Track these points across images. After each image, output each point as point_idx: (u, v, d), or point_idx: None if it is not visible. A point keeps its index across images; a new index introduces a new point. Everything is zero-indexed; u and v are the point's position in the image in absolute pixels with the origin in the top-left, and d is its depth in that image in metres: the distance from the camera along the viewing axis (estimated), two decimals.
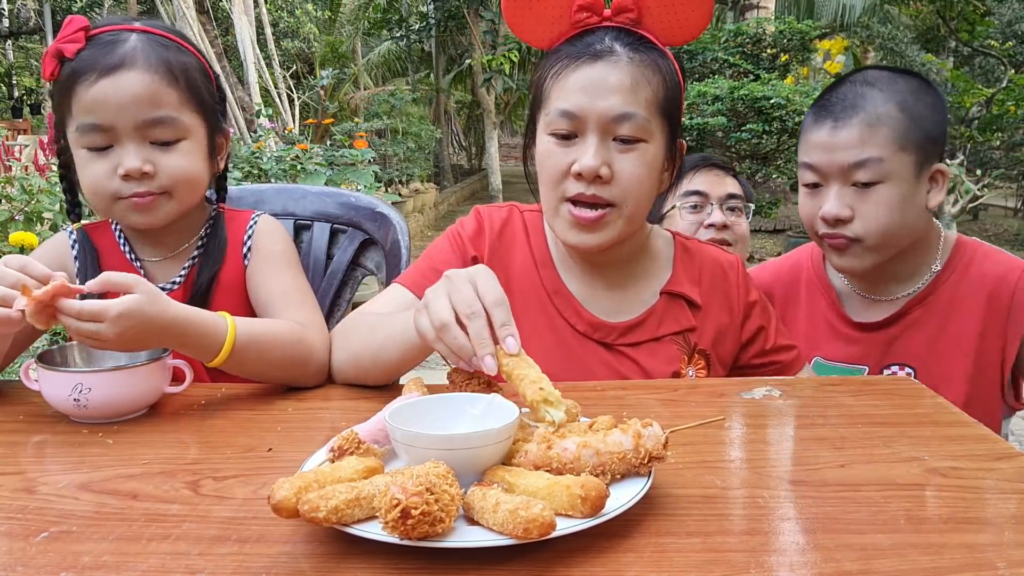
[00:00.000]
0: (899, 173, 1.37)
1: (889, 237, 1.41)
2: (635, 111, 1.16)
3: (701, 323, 1.32)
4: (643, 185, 1.20)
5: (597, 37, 1.19)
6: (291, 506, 0.68)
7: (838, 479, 0.84)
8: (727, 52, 8.23)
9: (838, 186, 1.40)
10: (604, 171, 1.16)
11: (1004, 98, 8.20)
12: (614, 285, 1.32)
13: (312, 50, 13.75)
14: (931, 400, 1.10)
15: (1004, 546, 0.70)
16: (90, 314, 0.98)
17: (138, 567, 0.68)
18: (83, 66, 1.19)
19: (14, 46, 15.74)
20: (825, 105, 1.42)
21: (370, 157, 6.38)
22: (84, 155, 1.23)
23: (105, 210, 1.26)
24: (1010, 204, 11.68)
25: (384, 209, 1.69)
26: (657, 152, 1.20)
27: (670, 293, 1.32)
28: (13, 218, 4.19)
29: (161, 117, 1.22)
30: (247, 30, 7.87)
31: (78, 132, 1.21)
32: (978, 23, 9.08)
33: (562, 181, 1.20)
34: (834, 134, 1.39)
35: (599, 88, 1.16)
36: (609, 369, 1.27)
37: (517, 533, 0.65)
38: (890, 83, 1.41)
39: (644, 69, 1.17)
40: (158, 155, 1.23)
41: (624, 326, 1.29)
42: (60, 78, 1.21)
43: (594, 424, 0.82)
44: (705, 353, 1.32)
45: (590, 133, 1.17)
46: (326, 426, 1.05)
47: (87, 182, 1.24)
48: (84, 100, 1.19)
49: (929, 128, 1.39)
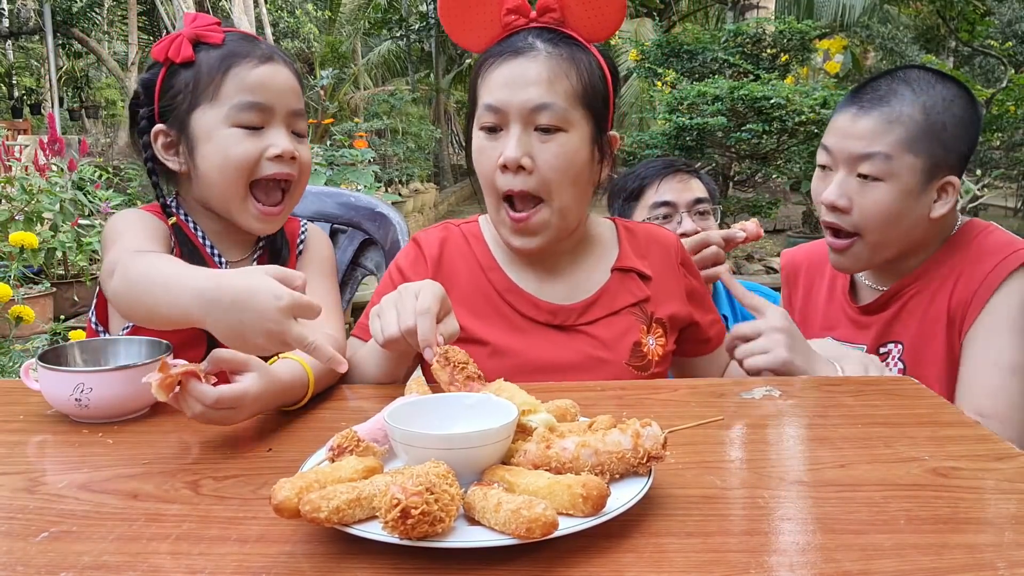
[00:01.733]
0: (903, 175, 1.37)
1: (884, 237, 1.41)
2: (552, 101, 1.22)
3: (654, 293, 1.38)
4: (566, 175, 1.25)
5: (520, 37, 1.26)
6: (292, 506, 0.68)
7: (838, 479, 0.84)
8: (727, 52, 8.21)
9: (843, 173, 1.42)
10: (526, 161, 1.23)
11: (1004, 98, 8.19)
12: (564, 273, 1.37)
13: (312, 50, 13.75)
14: (931, 400, 1.10)
15: (1004, 546, 0.70)
16: (229, 401, 0.93)
17: (138, 567, 0.68)
18: (239, 51, 1.28)
19: (14, 46, 15.73)
20: (859, 92, 1.44)
21: (370, 157, 6.39)
22: (236, 133, 1.27)
23: (234, 195, 1.29)
24: (1010, 204, 11.69)
25: (384, 209, 1.69)
26: (579, 142, 1.25)
27: (621, 269, 1.38)
28: (13, 218, 4.19)
29: (301, 110, 1.34)
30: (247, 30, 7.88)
31: (234, 109, 1.26)
32: (978, 23, 9.08)
33: (493, 175, 1.26)
34: (853, 122, 1.40)
35: (518, 81, 1.23)
36: (572, 350, 1.31)
37: (520, 533, 0.65)
38: (927, 86, 1.40)
39: (562, 62, 1.24)
40: (296, 144, 1.32)
41: (581, 306, 1.33)
42: (202, 61, 1.27)
43: (593, 424, 0.82)
44: (663, 322, 1.37)
45: (512, 124, 1.24)
46: (326, 426, 1.05)
47: (235, 159, 1.27)
48: (246, 80, 1.27)
49: (948, 139, 1.37)
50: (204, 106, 1.27)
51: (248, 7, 8.06)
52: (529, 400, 0.88)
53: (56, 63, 13.11)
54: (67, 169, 4.59)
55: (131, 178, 7.13)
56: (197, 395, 0.92)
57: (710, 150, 7.47)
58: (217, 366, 0.97)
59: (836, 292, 1.62)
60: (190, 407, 0.93)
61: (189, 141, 1.30)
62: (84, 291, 4.81)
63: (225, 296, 0.94)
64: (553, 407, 0.91)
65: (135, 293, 1.07)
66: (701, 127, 7.12)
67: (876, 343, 1.52)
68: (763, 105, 6.96)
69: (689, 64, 8.37)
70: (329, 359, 0.93)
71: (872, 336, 1.53)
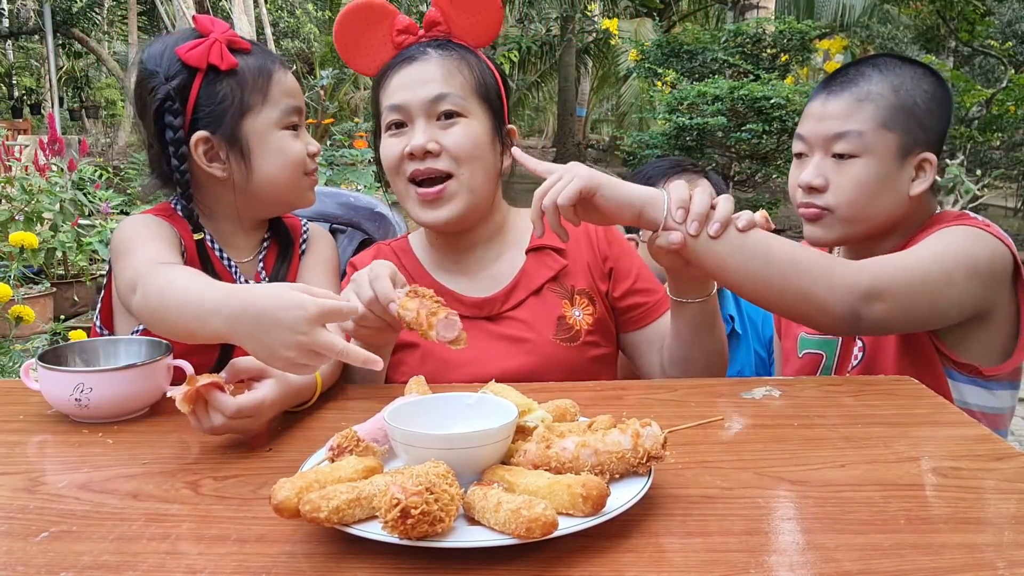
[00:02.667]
0: (878, 150, 1.38)
1: (858, 212, 1.40)
2: (450, 91, 1.30)
3: (571, 264, 1.40)
4: (472, 153, 1.31)
5: (413, 48, 1.35)
6: (292, 507, 0.68)
7: (838, 479, 0.84)
8: (727, 52, 8.21)
9: (819, 156, 1.43)
10: (432, 146, 1.29)
11: (1004, 98, 8.18)
12: (484, 263, 1.41)
13: (312, 50, 13.75)
14: (931, 400, 1.10)
15: (1004, 546, 0.70)
16: (249, 410, 0.94)
17: (138, 567, 0.68)
18: (267, 57, 1.35)
19: (14, 46, 15.74)
20: (828, 80, 1.46)
21: (370, 157, 6.38)
22: (286, 135, 1.34)
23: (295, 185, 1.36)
24: (1010, 204, 11.68)
25: (383, 209, 1.70)
26: (479, 128, 1.32)
27: (534, 248, 1.41)
28: (13, 218, 4.19)
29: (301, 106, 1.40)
30: (247, 30, 7.87)
31: (284, 113, 1.34)
32: (978, 23, 9.08)
33: (400, 165, 1.32)
34: (824, 105, 1.42)
35: (416, 80, 1.31)
36: (500, 337, 1.34)
37: (520, 533, 0.65)
38: (893, 66, 1.43)
39: (454, 62, 1.33)
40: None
41: (502, 294, 1.37)
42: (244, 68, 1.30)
43: (593, 424, 0.82)
44: (586, 292, 1.38)
45: (417, 118, 1.31)
46: (326, 426, 1.05)
47: (293, 156, 1.34)
48: (286, 86, 1.35)
49: (921, 115, 1.39)
50: (255, 111, 1.31)
51: (248, 7, 8.06)
52: (524, 400, 0.89)
53: (56, 63, 13.11)
54: (67, 169, 4.59)
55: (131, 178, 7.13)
56: (219, 406, 0.92)
57: (710, 150, 7.47)
58: (237, 376, 0.97)
59: None
60: (210, 419, 0.93)
61: (241, 147, 1.31)
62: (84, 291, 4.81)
63: (249, 312, 0.92)
64: (552, 407, 0.91)
65: (158, 314, 1.06)
66: (701, 127, 7.12)
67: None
68: (763, 105, 6.97)
69: (689, 64, 8.37)
70: (364, 360, 0.92)
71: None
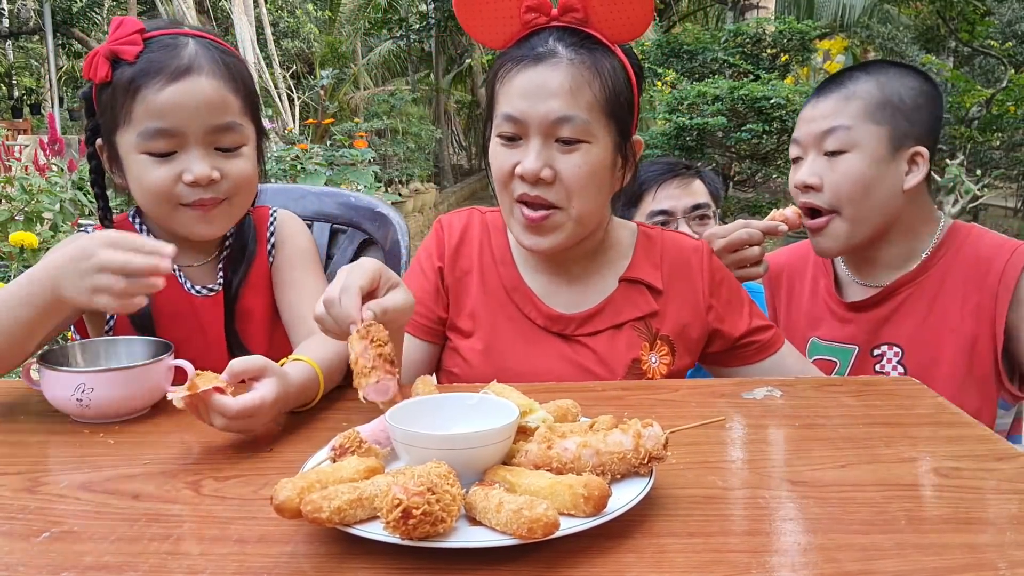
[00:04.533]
0: (868, 144, 1.41)
1: (857, 208, 1.43)
2: (575, 114, 1.17)
3: (663, 308, 1.32)
4: (587, 185, 1.20)
5: (541, 39, 1.20)
6: (294, 507, 0.68)
7: (839, 479, 0.84)
8: (727, 52, 8.22)
9: (813, 155, 1.47)
10: (546, 173, 1.18)
11: (1004, 98, 8.19)
12: (574, 279, 1.33)
13: (312, 50, 13.75)
14: (932, 400, 1.10)
15: (1005, 546, 0.70)
16: (249, 411, 0.93)
17: (139, 567, 0.68)
18: (149, 69, 1.16)
19: (14, 46, 15.74)
20: (819, 86, 1.51)
21: (370, 157, 6.38)
22: (145, 160, 1.19)
23: (165, 216, 1.24)
24: (1010, 204, 11.68)
25: (384, 209, 1.69)
26: (602, 152, 1.20)
27: (629, 280, 1.32)
28: (13, 218, 4.19)
29: (228, 123, 1.21)
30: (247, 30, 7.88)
31: (141, 137, 1.18)
32: (978, 23, 9.07)
33: (510, 182, 1.22)
34: (814, 107, 1.47)
35: (540, 92, 1.17)
36: (568, 361, 1.28)
37: (521, 533, 0.65)
38: (881, 69, 1.47)
39: (585, 71, 1.17)
40: (222, 161, 1.22)
41: (582, 316, 1.30)
42: (116, 81, 1.18)
43: (594, 424, 0.82)
44: (669, 340, 1.31)
45: (532, 136, 1.19)
46: (327, 426, 1.05)
47: (148, 187, 1.20)
48: (152, 104, 1.16)
49: (908, 109, 1.42)
50: (121, 129, 1.20)
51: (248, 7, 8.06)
52: (526, 401, 0.89)
53: (56, 63, 13.11)
54: (67, 169, 4.59)
55: None
56: (219, 408, 0.92)
57: (710, 150, 7.48)
58: (236, 377, 0.97)
59: (819, 289, 1.62)
60: (212, 420, 0.93)
61: (119, 161, 1.24)
62: None
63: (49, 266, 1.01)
64: (554, 407, 0.91)
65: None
66: (701, 127, 7.13)
67: (869, 343, 1.51)
68: (763, 105, 6.97)
69: (689, 64, 8.38)
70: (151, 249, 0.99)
71: (863, 334, 1.52)
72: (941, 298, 1.45)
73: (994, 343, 1.41)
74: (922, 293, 1.47)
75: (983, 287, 1.41)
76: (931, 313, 1.45)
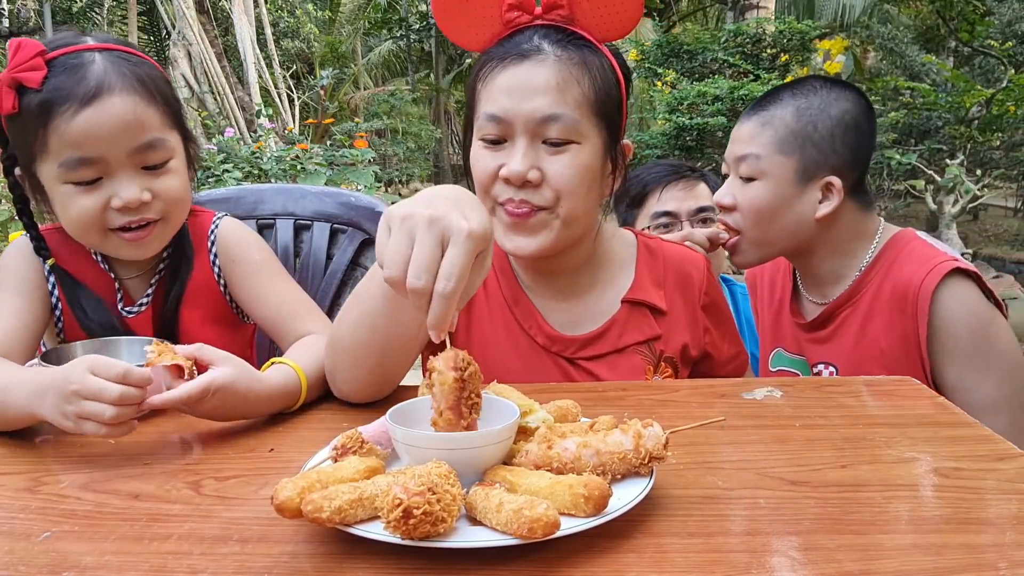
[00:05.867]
0: (775, 174, 1.43)
1: (761, 235, 1.46)
2: (563, 112, 1.11)
3: (667, 330, 1.27)
4: (577, 188, 1.14)
5: (526, 36, 1.14)
6: (294, 506, 0.68)
7: (839, 479, 0.84)
8: (727, 52, 8.22)
9: (732, 176, 1.50)
10: (533, 175, 1.12)
11: (1004, 98, 8.18)
12: (573, 294, 1.27)
13: (312, 50, 13.75)
14: (932, 400, 1.10)
15: (1005, 547, 0.70)
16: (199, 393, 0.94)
17: (140, 567, 0.68)
18: (57, 96, 1.09)
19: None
20: (751, 105, 1.53)
21: (370, 157, 6.39)
22: (69, 190, 1.14)
23: (96, 244, 1.21)
24: (1010, 204, 11.69)
25: (384, 209, 1.69)
26: (592, 154, 1.14)
27: (632, 301, 1.27)
28: (13, 218, 4.19)
29: (150, 141, 1.16)
30: (247, 30, 7.88)
31: (62, 168, 1.12)
32: (978, 23, 9.06)
33: (492, 186, 1.16)
34: (738, 128, 1.50)
35: (525, 89, 1.11)
36: (570, 382, 1.24)
37: (521, 533, 0.65)
38: (808, 91, 1.46)
39: (573, 67, 1.11)
40: (151, 181, 1.18)
41: (584, 339, 1.25)
42: (24, 111, 1.10)
43: (595, 424, 0.82)
44: (672, 361, 1.27)
45: (518, 137, 1.12)
46: (328, 426, 1.05)
47: (75, 218, 1.16)
48: (66, 134, 1.10)
49: (819, 140, 1.41)
50: (39, 160, 1.14)
51: (248, 7, 8.06)
52: (526, 401, 0.89)
53: None
54: None
55: None
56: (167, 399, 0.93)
57: (710, 150, 7.48)
58: (194, 356, 0.98)
59: (785, 300, 1.63)
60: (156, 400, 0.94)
61: (42, 190, 1.19)
62: None
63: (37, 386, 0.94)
64: (554, 408, 0.91)
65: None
66: (701, 127, 7.13)
67: (813, 359, 1.54)
68: None
69: (689, 64, 8.37)
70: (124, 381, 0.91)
71: (810, 353, 1.54)
72: (871, 321, 1.44)
73: (924, 371, 1.37)
74: (857, 314, 1.46)
75: (905, 312, 1.38)
76: (864, 335, 1.45)
